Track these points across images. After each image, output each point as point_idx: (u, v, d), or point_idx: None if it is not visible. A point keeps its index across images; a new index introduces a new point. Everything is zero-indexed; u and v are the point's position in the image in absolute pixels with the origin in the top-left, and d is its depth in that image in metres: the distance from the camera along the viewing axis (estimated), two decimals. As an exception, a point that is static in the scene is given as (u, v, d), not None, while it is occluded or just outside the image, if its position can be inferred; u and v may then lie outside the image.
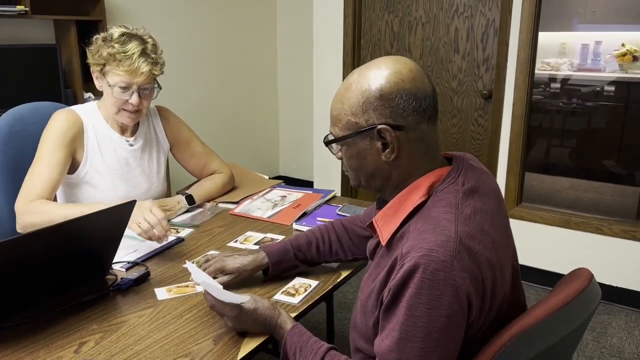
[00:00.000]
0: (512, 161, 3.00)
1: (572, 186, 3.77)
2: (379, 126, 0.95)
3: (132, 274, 1.36)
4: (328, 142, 1.03)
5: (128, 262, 1.44)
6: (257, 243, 1.58)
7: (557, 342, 0.93)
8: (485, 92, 3.13)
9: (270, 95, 4.52)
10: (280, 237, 1.61)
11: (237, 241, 1.60)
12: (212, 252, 1.40)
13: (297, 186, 2.10)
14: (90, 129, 1.71)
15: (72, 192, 1.73)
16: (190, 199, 1.84)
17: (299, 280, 1.37)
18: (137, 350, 1.08)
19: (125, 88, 1.62)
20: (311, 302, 1.28)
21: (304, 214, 1.80)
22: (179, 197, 1.83)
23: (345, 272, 1.43)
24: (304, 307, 1.25)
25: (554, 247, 2.96)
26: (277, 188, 2.07)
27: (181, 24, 3.67)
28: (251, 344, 1.11)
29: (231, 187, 2.02)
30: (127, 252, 1.49)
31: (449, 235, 0.88)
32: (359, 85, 0.97)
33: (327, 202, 1.93)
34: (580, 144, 3.89)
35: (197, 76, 3.85)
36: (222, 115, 4.10)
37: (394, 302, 0.89)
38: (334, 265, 1.45)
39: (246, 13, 4.14)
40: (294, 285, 1.34)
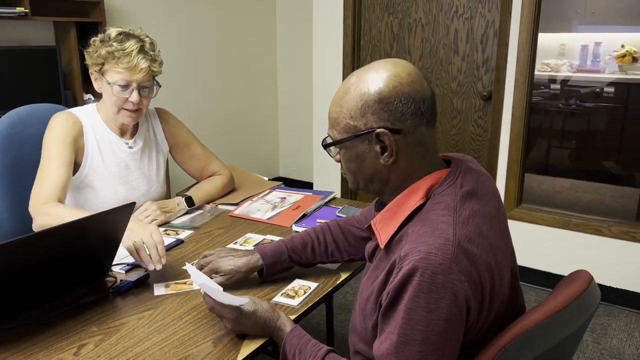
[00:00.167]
0: (511, 162, 3.00)
1: (571, 187, 3.77)
2: (378, 130, 0.95)
3: (132, 276, 1.37)
4: (326, 145, 1.03)
5: (127, 264, 1.44)
6: (257, 245, 1.58)
7: (557, 345, 0.93)
8: (485, 93, 3.13)
9: (270, 97, 4.53)
10: (280, 239, 1.61)
11: (236, 243, 1.60)
12: (208, 252, 1.39)
13: (296, 188, 2.10)
14: (90, 131, 1.71)
15: (71, 194, 1.73)
16: (189, 201, 1.84)
17: (299, 282, 1.37)
18: (137, 353, 1.08)
19: (125, 86, 1.62)
20: (311, 304, 1.28)
21: (304, 216, 1.80)
22: (179, 199, 1.83)
23: (344, 274, 1.43)
24: (303, 309, 1.25)
25: (553, 249, 2.96)
26: (277, 190, 2.07)
27: (181, 26, 3.67)
28: (251, 346, 1.11)
29: (231, 188, 2.02)
30: (127, 254, 1.49)
31: (447, 238, 0.88)
32: (358, 89, 0.96)
33: (326, 204, 1.93)
34: (580, 145, 3.89)
35: (197, 78, 3.85)
36: (222, 117, 4.10)
37: (393, 305, 0.89)
38: (333, 266, 1.45)
39: (245, 15, 4.14)
40: (294, 287, 1.34)
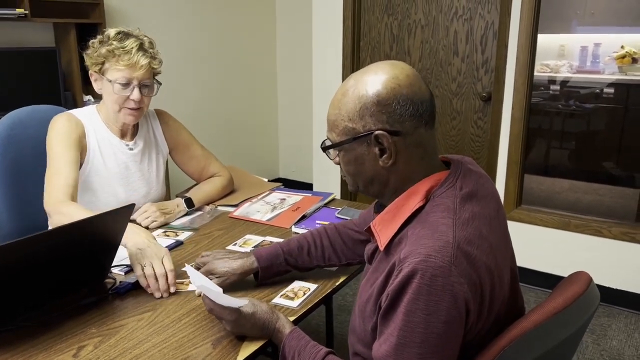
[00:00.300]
0: (511, 163, 3.00)
1: (571, 188, 3.77)
2: (376, 132, 0.95)
3: (131, 278, 1.36)
4: (325, 148, 1.03)
5: (127, 266, 1.43)
6: (256, 246, 1.58)
7: (556, 346, 0.93)
8: (484, 94, 3.13)
9: (269, 98, 4.53)
10: (279, 241, 1.61)
11: (236, 244, 1.60)
12: (206, 252, 1.39)
13: (296, 189, 2.10)
14: (91, 132, 1.72)
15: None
16: (189, 202, 1.84)
17: (298, 283, 1.37)
18: (136, 354, 1.08)
19: (125, 84, 1.63)
20: (310, 306, 1.28)
21: (303, 217, 1.80)
22: (178, 200, 1.83)
23: (344, 276, 1.43)
24: (303, 311, 1.25)
25: (553, 250, 2.96)
26: (277, 191, 2.07)
27: (180, 27, 3.67)
28: (250, 348, 1.11)
29: (230, 190, 2.02)
30: (126, 256, 1.48)
31: (447, 240, 0.87)
32: (356, 91, 0.96)
33: (326, 205, 1.93)
34: (579, 146, 3.89)
35: (197, 78, 3.85)
36: (222, 118, 4.10)
37: (392, 308, 0.89)
38: (332, 268, 1.45)
39: (245, 16, 4.14)
40: (293, 289, 1.34)
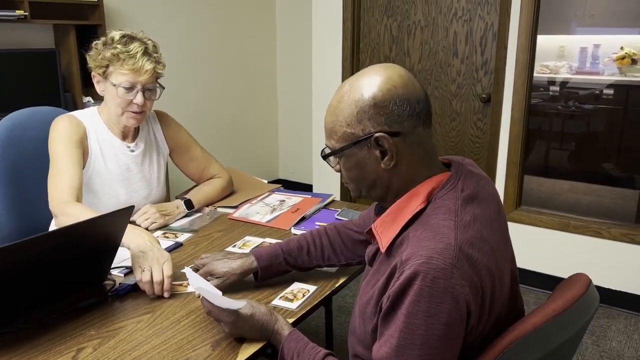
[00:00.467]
0: (511, 165, 3.00)
1: (571, 189, 3.77)
2: (376, 134, 0.94)
3: (130, 279, 1.36)
4: (326, 156, 1.03)
5: (126, 267, 1.43)
6: (256, 248, 1.58)
7: (556, 348, 0.93)
8: (484, 95, 3.13)
9: (269, 99, 4.53)
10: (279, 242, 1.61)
11: (235, 246, 1.60)
12: (205, 255, 1.39)
13: (296, 190, 2.10)
14: (93, 134, 1.72)
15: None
16: (189, 204, 1.84)
17: (297, 285, 1.37)
18: (135, 357, 1.08)
19: (129, 88, 1.63)
20: (309, 307, 1.28)
21: (303, 219, 1.80)
22: (178, 202, 1.83)
23: (343, 277, 1.43)
24: (302, 312, 1.25)
25: (553, 251, 2.96)
26: (276, 192, 2.07)
27: (180, 28, 3.68)
28: (249, 350, 1.11)
29: (230, 191, 2.02)
30: (126, 257, 1.49)
31: (449, 242, 0.87)
32: (352, 96, 0.96)
33: (326, 207, 1.93)
34: (579, 147, 3.89)
35: (197, 80, 3.85)
36: (221, 119, 4.10)
37: (393, 309, 0.89)
38: (332, 269, 1.45)
39: (245, 18, 4.15)
40: (292, 291, 1.34)
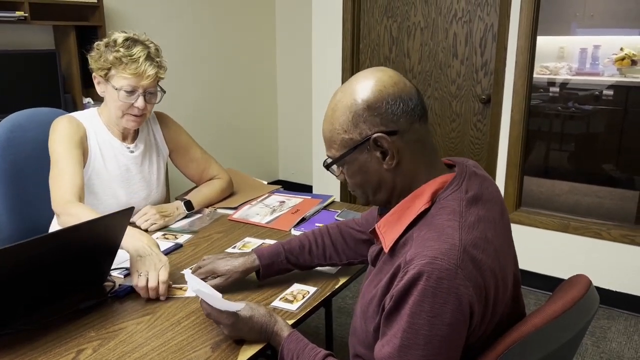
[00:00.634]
0: (510, 166, 3.00)
1: (571, 190, 3.77)
2: (374, 135, 0.95)
3: (130, 281, 1.36)
4: (328, 165, 1.03)
5: (126, 269, 1.43)
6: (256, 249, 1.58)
7: (556, 349, 0.93)
8: (484, 96, 3.13)
9: (269, 100, 4.53)
10: (279, 243, 1.61)
11: (235, 247, 1.60)
12: (206, 256, 1.39)
13: (296, 191, 2.10)
14: (92, 135, 1.72)
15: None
16: (188, 205, 1.84)
17: (297, 286, 1.37)
18: (135, 358, 1.08)
19: (131, 92, 1.63)
20: (310, 309, 1.28)
21: (303, 220, 1.80)
22: (178, 203, 1.83)
23: (343, 278, 1.43)
24: (302, 314, 1.25)
25: (552, 252, 2.95)
26: (276, 193, 2.07)
27: (180, 29, 3.68)
28: (249, 351, 1.11)
29: (230, 192, 2.02)
30: (125, 259, 1.48)
31: (453, 243, 0.87)
32: (345, 102, 0.97)
33: (325, 208, 1.93)
34: (579, 148, 3.89)
35: (196, 81, 3.85)
36: (221, 120, 4.11)
37: (396, 309, 0.89)
38: (332, 270, 1.45)
39: (245, 18, 4.15)
40: (292, 292, 1.34)
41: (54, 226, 1.77)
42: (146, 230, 1.68)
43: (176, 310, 1.26)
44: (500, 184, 3.04)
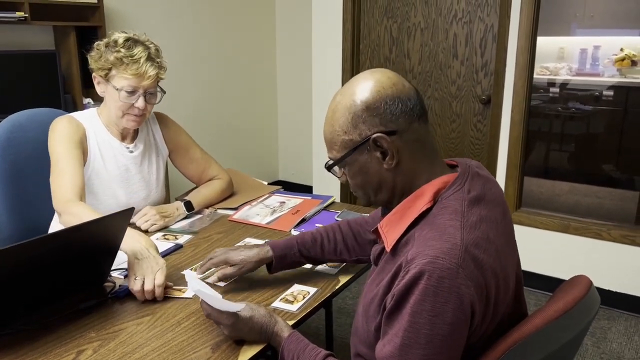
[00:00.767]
0: (511, 166, 3.00)
1: (571, 190, 3.77)
2: (373, 136, 0.96)
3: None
4: (329, 167, 1.04)
5: (126, 269, 1.43)
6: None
7: (557, 350, 0.93)
8: (484, 97, 3.13)
9: (269, 101, 4.53)
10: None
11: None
12: (218, 249, 1.39)
13: (296, 192, 2.10)
14: (92, 135, 1.72)
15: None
16: (188, 206, 1.83)
17: (298, 287, 1.37)
18: (135, 359, 1.08)
19: (131, 92, 1.63)
20: (310, 309, 1.27)
21: (303, 220, 1.80)
22: (178, 204, 1.83)
23: (343, 279, 1.42)
24: (302, 314, 1.25)
25: (553, 252, 2.95)
26: (276, 194, 2.07)
27: (180, 29, 3.68)
28: (249, 352, 1.11)
29: (230, 193, 2.02)
30: (126, 259, 1.48)
31: (455, 242, 0.88)
32: (344, 104, 0.98)
33: (326, 208, 1.93)
34: (579, 149, 3.89)
35: (197, 81, 3.85)
36: (221, 120, 4.11)
37: (398, 308, 0.89)
38: (332, 271, 1.45)
39: (245, 18, 4.15)
40: (293, 293, 1.34)
41: (54, 224, 1.77)
42: (146, 231, 1.68)
43: (176, 311, 1.26)
44: (500, 184, 3.02)
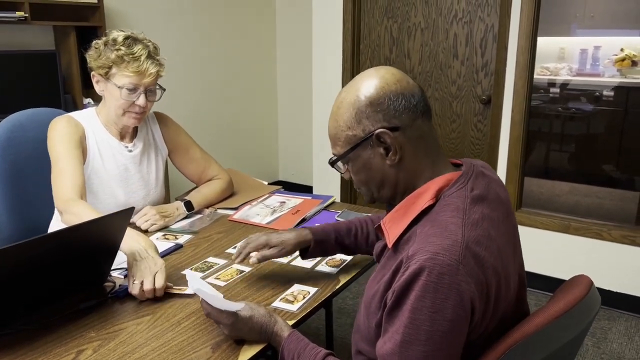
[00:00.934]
0: (511, 166, 3.00)
1: (571, 191, 3.77)
2: (376, 131, 0.96)
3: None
4: (333, 162, 1.04)
5: (126, 269, 1.42)
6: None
7: (558, 349, 0.93)
8: (484, 97, 3.13)
9: (269, 101, 4.53)
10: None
11: (235, 247, 1.60)
12: (251, 235, 1.40)
13: (296, 192, 2.10)
14: (91, 134, 1.72)
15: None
16: (189, 205, 1.83)
17: (298, 287, 1.36)
18: (135, 359, 1.07)
19: (132, 90, 1.63)
20: (310, 309, 1.27)
21: (303, 220, 1.79)
22: (178, 204, 1.83)
23: (344, 279, 1.42)
24: (302, 314, 1.25)
25: (553, 253, 2.95)
26: (276, 194, 2.07)
27: (180, 29, 3.68)
28: (250, 352, 1.11)
29: (230, 193, 2.02)
30: (126, 259, 1.48)
31: (456, 239, 0.88)
32: (348, 100, 0.99)
33: (326, 208, 1.93)
34: (579, 149, 3.89)
35: (196, 81, 3.85)
36: (221, 120, 4.10)
37: (398, 305, 0.89)
38: (333, 271, 1.45)
39: (245, 18, 4.15)
40: (293, 292, 1.34)
41: (54, 223, 1.77)
42: (146, 231, 1.68)
43: (176, 310, 1.26)
44: (500, 184, 3.03)
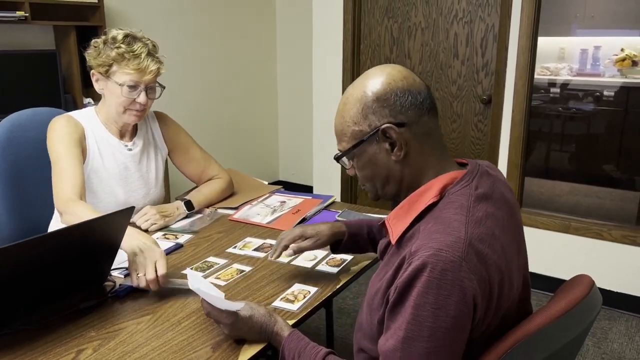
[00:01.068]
0: (511, 166, 3.00)
1: (571, 191, 3.77)
2: (382, 126, 0.97)
3: (130, 280, 1.35)
4: (338, 157, 1.05)
5: (126, 269, 1.43)
6: (257, 249, 1.58)
7: (559, 349, 0.93)
8: (484, 97, 3.13)
9: (269, 100, 4.53)
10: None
11: (236, 247, 1.60)
12: (284, 232, 1.40)
13: (296, 191, 2.10)
14: (90, 133, 1.72)
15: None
16: (189, 205, 1.83)
17: (298, 286, 1.36)
18: (135, 358, 1.07)
19: (133, 87, 1.64)
20: (310, 309, 1.27)
21: (304, 220, 1.79)
22: (178, 203, 1.83)
23: (344, 279, 1.42)
24: (303, 314, 1.25)
25: (553, 253, 2.95)
26: (277, 194, 2.06)
27: (180, 29, 3.68)
28: (250, 351, 1.10)
29: (230, 192, 2.01)
30: (126, 258, 1.48)
31: (459, 236, 0.88)
32: (355, 96, 1.00)
33: (326, 208, 1.93)
34: (579, 149, 3.89)
35: (197, 81, 3.85)
36: (222, 120, 4.10)
37: (400, 301, 0.89)
38: (333, 271, 1.45)
39: (245, 18, 4.15)
40: (293, 292, 1.34)
41: (54, 223, 1.77)
42: (146, 231, 1.68)
43: (176, 310, 1.25)
44: (501, 184, 3.03)
